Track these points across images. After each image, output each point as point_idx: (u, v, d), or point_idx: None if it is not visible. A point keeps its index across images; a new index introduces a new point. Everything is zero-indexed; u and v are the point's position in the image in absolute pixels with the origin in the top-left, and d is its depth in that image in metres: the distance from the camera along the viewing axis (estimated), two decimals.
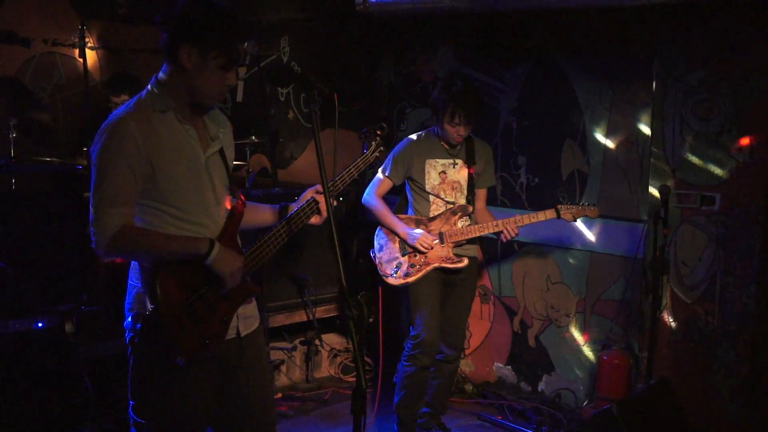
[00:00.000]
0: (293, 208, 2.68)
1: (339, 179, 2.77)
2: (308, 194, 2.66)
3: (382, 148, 2.87)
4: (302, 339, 5.10)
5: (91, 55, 4.84)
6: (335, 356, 5.30)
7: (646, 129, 4.38)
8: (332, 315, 5.04)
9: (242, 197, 2.56)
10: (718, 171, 4.07)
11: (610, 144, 4.57)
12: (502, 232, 3.88)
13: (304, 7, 5.55)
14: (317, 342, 5.12)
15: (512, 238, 3.91)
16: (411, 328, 4.01)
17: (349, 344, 5.30)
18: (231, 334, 2.48)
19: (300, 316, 4.84)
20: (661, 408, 3.54)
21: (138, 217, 2.34)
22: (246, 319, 2.55)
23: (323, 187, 2.46)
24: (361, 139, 2.88)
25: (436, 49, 5.44)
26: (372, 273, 4.18)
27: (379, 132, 2.85)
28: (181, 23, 2.25)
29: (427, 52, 5.50)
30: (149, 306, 2.30)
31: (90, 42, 4.79)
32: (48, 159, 4.43)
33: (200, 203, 2.39)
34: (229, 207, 2.50)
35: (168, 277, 2.30)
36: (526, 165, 4.96)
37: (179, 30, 2.25)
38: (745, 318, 3.99)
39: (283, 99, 5.47)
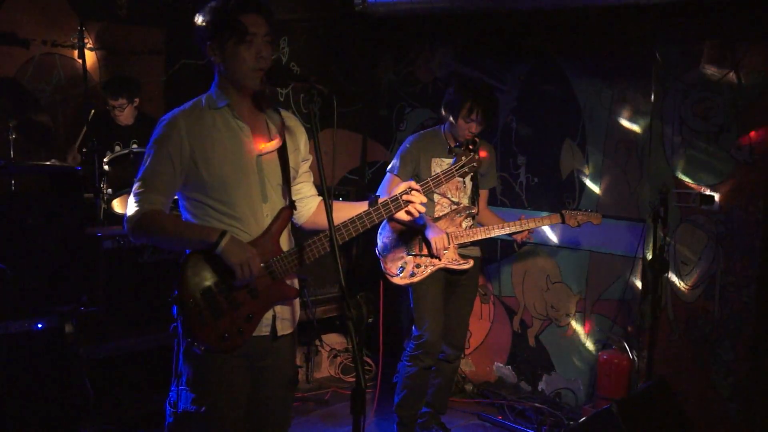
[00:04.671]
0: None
1: (432, 182, 2.68)
2: (400, 188, 2.57)
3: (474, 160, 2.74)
4: (302, 339, 5.10)
5: (90, 56, 4.83)
6: (335, 356, 5.30)
7: (645, 128, 4.38)
8: (332, 315, 5.04)
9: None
10: (717, 170, 4.07)
11: (609, 144, 4.57)
12: (514, 234, 3.95)
13: (304, 8, 5.54)
14: (317, 342, 5.12)
15: (526, 241, 4.01)
16: (414, 328, 3.99)
17: (348, 344, 5.30)
18: (264, 331, 2.49)
19: (299, 317, 4.83)
20: (661, 408, 3.54)
21: (184, 209, 2.47)
22: (283, 320, 2.55)
23: (323, 188, 2.45)
24: (451, 154, 2.85)
25: (436, 50, 5.43)
26: (374, 272, 4.17)
27: (471, 147, 2.77)
28: (197, 28, 2.43)
29: (427, 52, 5.50)
30: (174, 292, 2.38)
31: (89, 43, 4.79)
32: (48, 161, 4.44)
33: (244, 199, 2.44)
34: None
35: (194, 266, 2.38)
36: (526, 165, 4.96)
37: (198, 34, 2.43)
38: (744, 318, 3.99)
39: (282, 99, 5.47)
